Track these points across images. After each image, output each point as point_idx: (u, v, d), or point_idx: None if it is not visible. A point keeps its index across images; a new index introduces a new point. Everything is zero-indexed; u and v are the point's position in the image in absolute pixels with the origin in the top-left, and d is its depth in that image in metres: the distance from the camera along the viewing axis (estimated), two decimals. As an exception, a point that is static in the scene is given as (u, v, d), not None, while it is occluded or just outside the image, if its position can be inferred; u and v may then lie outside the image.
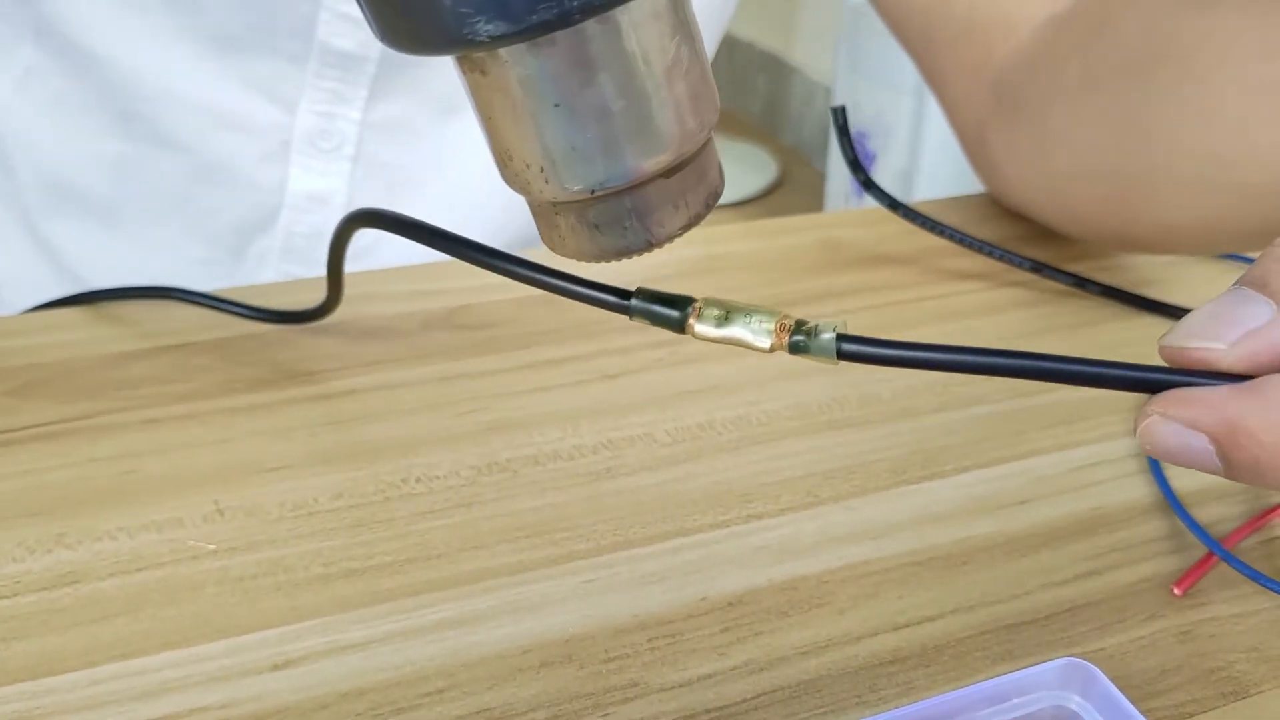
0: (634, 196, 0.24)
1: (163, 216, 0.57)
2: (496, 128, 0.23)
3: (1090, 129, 0.46)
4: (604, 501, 0.37)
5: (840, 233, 0.55)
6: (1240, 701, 0.31)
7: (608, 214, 0.24)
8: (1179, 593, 0.34)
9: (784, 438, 0.40)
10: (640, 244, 0.24)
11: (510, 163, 0.24)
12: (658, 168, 0.23)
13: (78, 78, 0.54)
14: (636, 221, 0.24)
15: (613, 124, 0.22)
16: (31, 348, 0.43)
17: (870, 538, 0.36)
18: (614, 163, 0.23)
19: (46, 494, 0.36)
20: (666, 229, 0.25)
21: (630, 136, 0.23)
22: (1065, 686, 0.26)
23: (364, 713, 0.30)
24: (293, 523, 0.36)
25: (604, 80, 0.22)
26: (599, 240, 0.24)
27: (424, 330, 0.45)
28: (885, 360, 0.25)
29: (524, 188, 0.24)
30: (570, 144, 0.23)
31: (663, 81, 0.23)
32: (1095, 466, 0.40)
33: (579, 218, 0.24)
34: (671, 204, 0.24)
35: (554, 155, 0.23)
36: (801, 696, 0.31)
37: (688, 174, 0.24)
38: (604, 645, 0.32)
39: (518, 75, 0.22)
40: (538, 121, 0.22)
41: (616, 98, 0.22)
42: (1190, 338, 0.23)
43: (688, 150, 0.24)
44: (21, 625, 0.32)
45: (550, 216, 0.25)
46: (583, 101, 0.22)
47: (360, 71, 0.54)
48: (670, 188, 0.24)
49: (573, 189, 0.23)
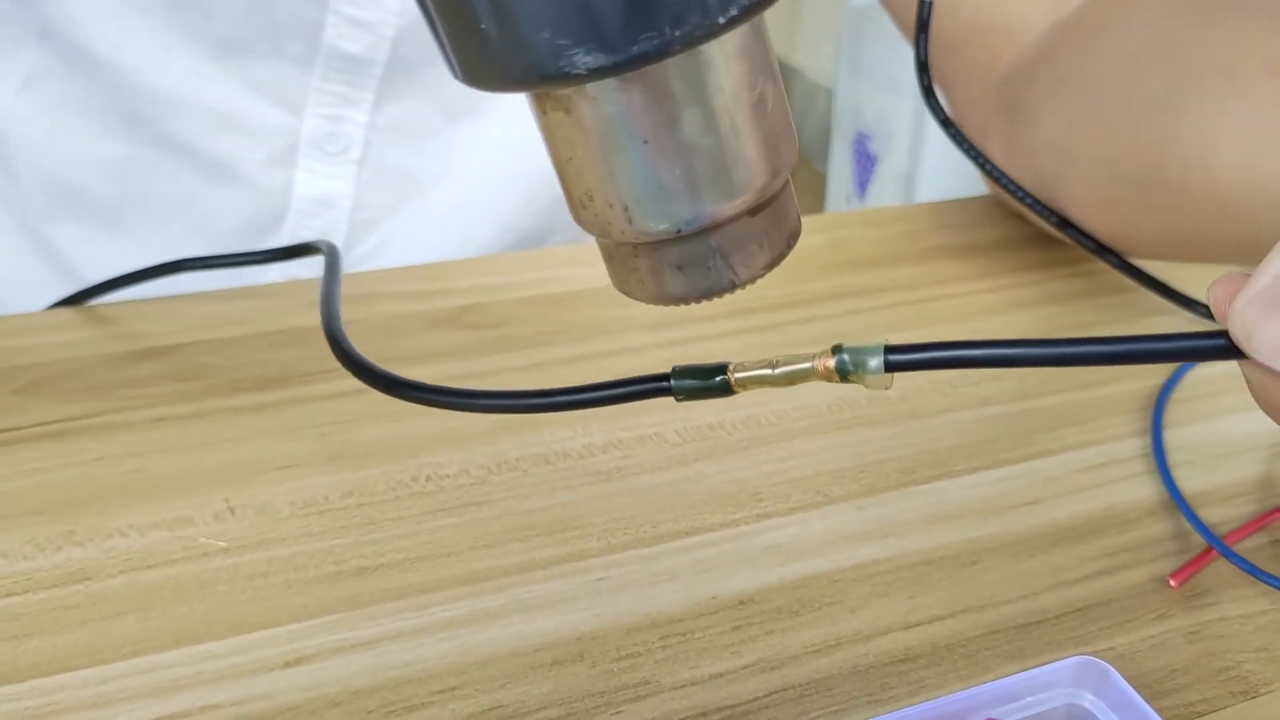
0: (719, 236, 0.23)
1: (166, 219, 0.57)
2: (579, 168, 0.23)
3: (1082, 133, 0.46)
4: (614, 501, 0.37)
5: (847, 233, 0.55)
6: (1250, 701, 0.31)
7: (692, 254, 0.24)
8: (1175, 585, 0.34)
9: (794, 438, 0.40)
10: (724, 284, 0.24)
11: (590, 204, 0.23)
12: (743, 206, 0.23)
13: (82, 80, 0.54)
14: (721, 261, 0.24)
15: (700, 161, 0.22)
16: (37, 347, 0.43)
17: (880, 537, 0.36)
18: (700, 201, 0.23)
19: (55, 492, 0.36)
20: (751, 269, 0.24)
21: (717, 174, 0.22)
22: (1079, 684, 0.26)
23: (376, 710, 0.30)
24: (303, 521, 0.36)
25: (693, 116, 0.22)
26: (681, 282, 0.24)
27: (433, 329, 0.45)
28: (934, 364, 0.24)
29: (603, 229, 0.24)
30: (658, 182, 0.22)
31: (750, 118, 0.22)
32: (1104, 467, 0.40)
33: (661, 259, 0.24)
34: (756, 243, 0.24)
35: (640, 194, 0.22)
36: (812, 695, 0.31)
37: (770, 213, 0.24)
38: (615, 643, 0.32)
39: (607, 112, 0.21)
40: (625, 160, 0.22)
41: (705, 134, 0.22)
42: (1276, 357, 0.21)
43: (771, 190, 0.24)
44: (33, 622, 0.32)
45: (629, 259, 0.24)
46: (672, 138, 0.22)
47: (367, 75, 0.54)
48: (754, 226, 0.24)
49: (658, 229, 0.23)
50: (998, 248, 0.54)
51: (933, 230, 0.56)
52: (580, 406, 0.28)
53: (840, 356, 0.25)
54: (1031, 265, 0.53)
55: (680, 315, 0.47)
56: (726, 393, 0.26)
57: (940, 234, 0.55)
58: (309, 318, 0.45)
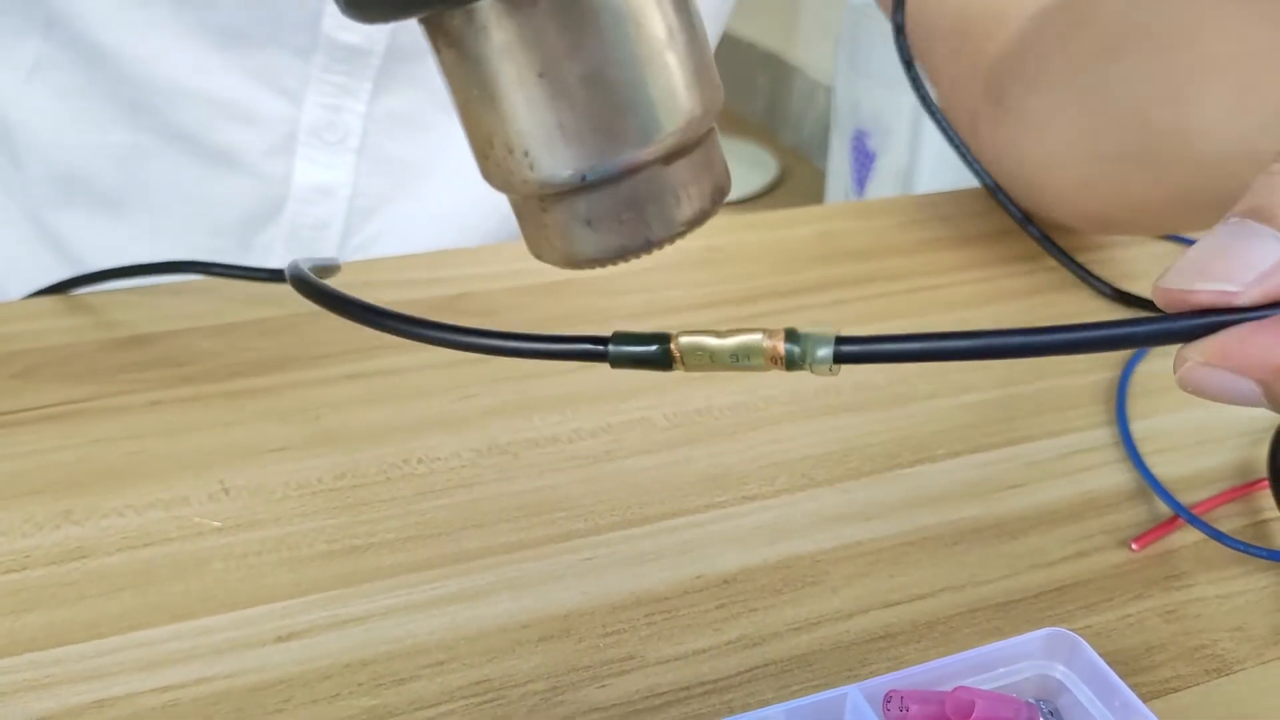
0: (630, 185, 0.22)
1: (169, 207, 0.58)
2: (475, 110, 0.21)
3: (1066, 115, 0.47)
4: (602, 483, 0.38)
5: (839, 225, 0.56)
6: (1224, 678, 0.32)
7: (602, 206, 0.22)
8: (1137, 548, 0.35)
9: (780, 422, 0.41)
10: (639, 242, 0.22)
11: (491, 152, 0.22)
12: (656, 152, 0.21)
13: (86, 70, 0.54)
14: (634, 215, 0.22)
15: (604, 98, 0.20)
16: (35, 332, 0.44)
17: (863, 519, 0.37)
18: (606, 144, 0.21)
19: (53, 473, 0.37)
20: (669, 226, 0.22)
21: (624, 113, 0.21)
22: (1050, 656, 0.27)
23: (366, 683, 0.30)
24: (296, 501, 0.36)
25: (593, 46, 0.20)
26: (592, 239, 0.22)
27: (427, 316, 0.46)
28: (884, 357, 0.23)
29: (506, 181, 0.22)
30: (557, 121, 0.20)
31: (660, 51, 0.21)
32: (1085, 453, 0.40)
33: (569, 213, 0.22)
34: (673, 195, 0.22)
35: (540, 136, 0.21)
36: (794, 670, 0.31)
37: (690, 163, 0.22)
38: (602, 620, 0.33)
39: (497, 41, 0.20)
40: (520, 97, 0.20)
41: (608, 66, 0.20)
42: (1199, 279, 0.21)
43: (690, 135, 0.22)
44: (31, 598, 0.32)
45: (537, 215, 0.23)
46: (569, 71, 0.20)
47: (365, 64, 0.55)
48: (671, 177, 0.22)
49: (560, 176, 0.21)
50: (989, 239, 0.55)
51: (924, 222, 0.56)
52: (515, 354, 0.26)
53: (789, 347, 0.23)
54: (1022, 256, 0.53)
55: (670, 304, 0.48)
56: (667, 365, 0.24)
57: (932, 225, 0.56)
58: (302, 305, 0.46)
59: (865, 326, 0.47)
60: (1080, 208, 0.48)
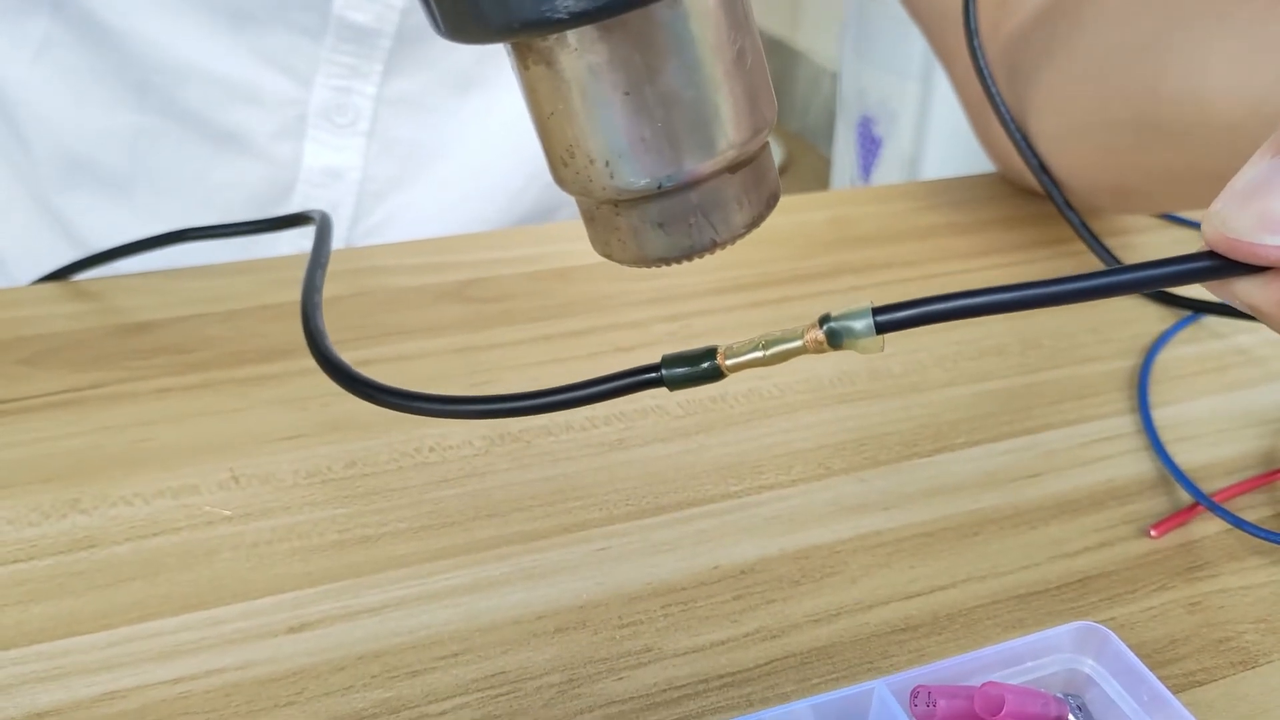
0: (700, 192, 0.23)
1: (177, 190, 0.57)
2: (560, 123, 0.23)
3: (1080, 86, 0.46)
4: (617, 472, 0.37)
5: (852, 210, 0.55)
6: (1249, 671, 0.31)
7: (673, 211, 0.23)
8: (1156, 535, 0.35)
9: (796, 411, 0.40)
10: (706, 242, 0.24)
11: (571, 161, 0.23)
12: (724, 162, 0.23)
13: (94, 50, 0.54)
14: (702, 218, 0.24)
15: (682, 114, 0.22)
16: (43, 318, 0.43)
17: (881, 508, 0.36)
18: (681, 156, 0.23)
19: (60, 461, 0.37)
20: (731, 228, 0.24)
21: (698, 128, 0.22)
22: (1079, 650, 0.27)
23: (380, 674, 0.30)
24: (307, 490, 0.36)
25: (674, 67, 0.22)
26: (662, 240, 0.24)
27: (437, 303, 0.45)
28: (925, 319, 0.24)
29: (584, 187, 0.23)
30: (640, 135, 0.22)
31: (730, 72, 0.22)
32: (1105, 441, 0.40)
33: (641, 217, 0.24)
34: (736, 201, 0.24)
35: (622, 148, 0.22)
36: (813, 663, 0.31)
37: (750, 172, 0.24)
38: (618, 611, 0.32)
39: (588, 62, 0.22)
40: (606, 112, 0.22)
41: (686, 86, 0.22)
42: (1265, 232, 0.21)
43: (752, 147, 0.24)
44: (39, 588, 0.32)
45: (610, 219, 0.24)
46: (653, 90, 0.22)
47: (376, 46, 0.54)
48: (734, 185, 0.24)
49: (638, 184, 0.23)
50: (1000, 224, 0.54)
51: (936, 207, 0.56)
52: (571, 406, 0.27)
53: (829, 326, 0.24)
54: (1034, 242, 0.52)
55: (682, 290, 0.47)
56: (717, 377, 0.26)
57: (943, 211, 0.55)
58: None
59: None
60: (1098, 181, 0.48)
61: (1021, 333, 0.45)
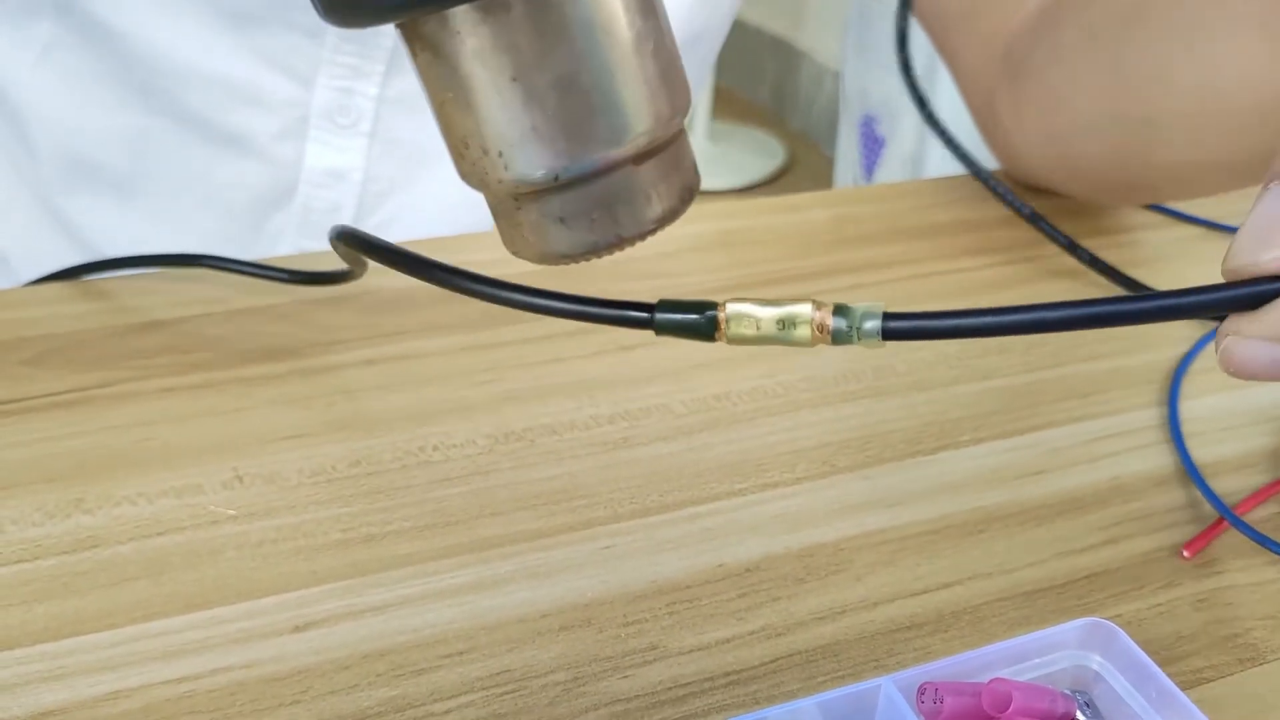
0: (602, 185, 0.22)
1: (180, 191, 0.57)
2: (450, 112, 0.22)
3: (1089, 82, 0.46)
4: (621, 470, 0.37)
5: (853, 209, 0.55)
6: (1257, 667, 0.31)
7: (573, 205, 0.22)
8: (1189, 555, 0.34)
9: (800, 409, 0.40)
10: (609, 239, 0.23)
11: (467, 152, 0.22)
12: (626, 152, 0.22)
13: (97, 53, 0.54)
14: (604, 214, 0.23)
15: (575, 101, 0.21)
16: (46, 318, 0.43)
17: (886, 506, 0.36)
18: (578, 145, 0.22)
19: (64, 460, 0.37)
20: (638, 224, 0.23)
21: (593, 116, 0.21)
22: (1086, 646, 0.27)
23: (385, 673, 0.30)
24: (311, 489, 0.36)
25: (564, 51, 0.21)
26: (565, 236, 0.23)
27: (440, 302, 0.45)
28: (933, 333, 0.23)
29: (482, 180, 0.23)
30: (530, 123, 0.21)
31: (628, 56, 0.21)
32: (1111, 438, 0.40)
33: (542, 211, 0.23)
34: (643, 195, 0.23)
35: (513, 137, 0.21)
36: (819, 660, 0.31)
37: (659, 163, 0.23)
38: (622, 610, 0.32)
39: (471, 47, 0.21)
40: (494, 99, 0.21)
41: (578, 71, 0.21)
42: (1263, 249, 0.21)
43: (659, 136, 0.22)
44: (43, 588, 0.32)
45: (511, 213, 0.23)
46: (542, 75, 0.21)
47: (377, 46, 0.54)
48: (641, 176, 0.23)
49: (534, 175, 0.22)
50: (1003, 223, 0.54)
51: (937, 206, 0.56)
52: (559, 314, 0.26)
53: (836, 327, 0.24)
54: (1035, 241, 0.52)
55: (685, 289, 0.47)
56: (710, 334, 0.24)
57: (944, 210, 0.55)
58: (315, 291, 0.45)
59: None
60: (1108, 176, 0.48)
61: (1026, 330, 0.45)
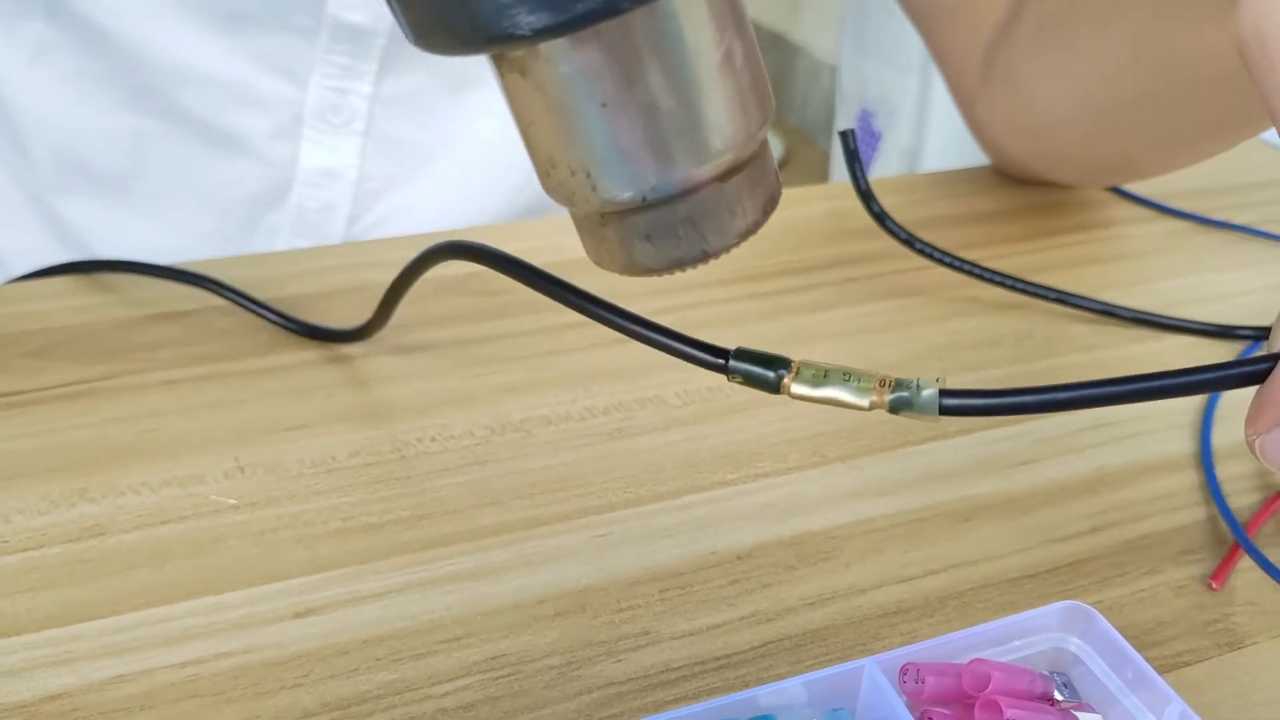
0: (688, 203, 0.22)
1: (175, 191, 0.58)
2: (538, 133, 0.22)
3: (1078, 68, 0.47)
4: (616, 460, 0.38)
5: (848, 203, 0.56)
6: (1235, 652, 0.32)
7: (660, 223, 0.22)
8: (1217, 587, 0.34)
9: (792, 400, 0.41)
10: (695, 254, 0.23)
11: (554, 171, 0.22)
12: (713, 171, 0.22)
13: (90, 54, 0.54)
14: (691, 230, 0.22)
15: (663, 124, 0.21)
16: (50, 312, 0.44)
17: (876, 495, 0.37)
18: (665, 166, 0.21)
19: (69, 451, 0.37)
20: (724, 238, 0.23)
21: (682, 137, 0.21)
22: (1065, 629, 0.27)
23: (384, 658, 0.30)
24: (311, 479, 0.36)
25: (652, 76, 0.20)
26: (651, 252, 0.23)
27: (439, 295, 0.46)
28: (990, 410, 0.24)
29: (568, 198, 0.22)
30: (618, 147, 0.21)
31: (715, 77, 0.21)
32: (1097, 429, 0.40)
33: (629, 229, 0.23)
34: (728, 210, 0.23)
35: (602, 160, 0.21)
36: (807, 645, 0.31)
37: (744, 178, 0.23)
38: (616, 596, 0.33)
39: (560, 74, 0.20)
40: (584, 123, 0.21)
41: (666, 95, 0.21)
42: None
43: (744, 153, 0.22)
44: (48, 575, 0.33)
45: (596, 229, 0.23)
46: (630, 100, 0.21)
47: (371, 45, 0.55)
48: (726, 193, 0.22)
49: (621, 196, 0.22)
50: (997, 216, 0.55)
51: (933, 200, 0.56)
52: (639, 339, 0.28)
53: (895, 396, 0.25)
54: (1030, 234, 0.53)
55: (679, 282, 0.48)
56: (776, 390, 0.26)
57: (940, 203, 0.56)
58: (315, 284, 0.46)
59: (878, 305, 0.47)
60: (1091, 161, 0.48)
61: (1015, 324, 0.46)
